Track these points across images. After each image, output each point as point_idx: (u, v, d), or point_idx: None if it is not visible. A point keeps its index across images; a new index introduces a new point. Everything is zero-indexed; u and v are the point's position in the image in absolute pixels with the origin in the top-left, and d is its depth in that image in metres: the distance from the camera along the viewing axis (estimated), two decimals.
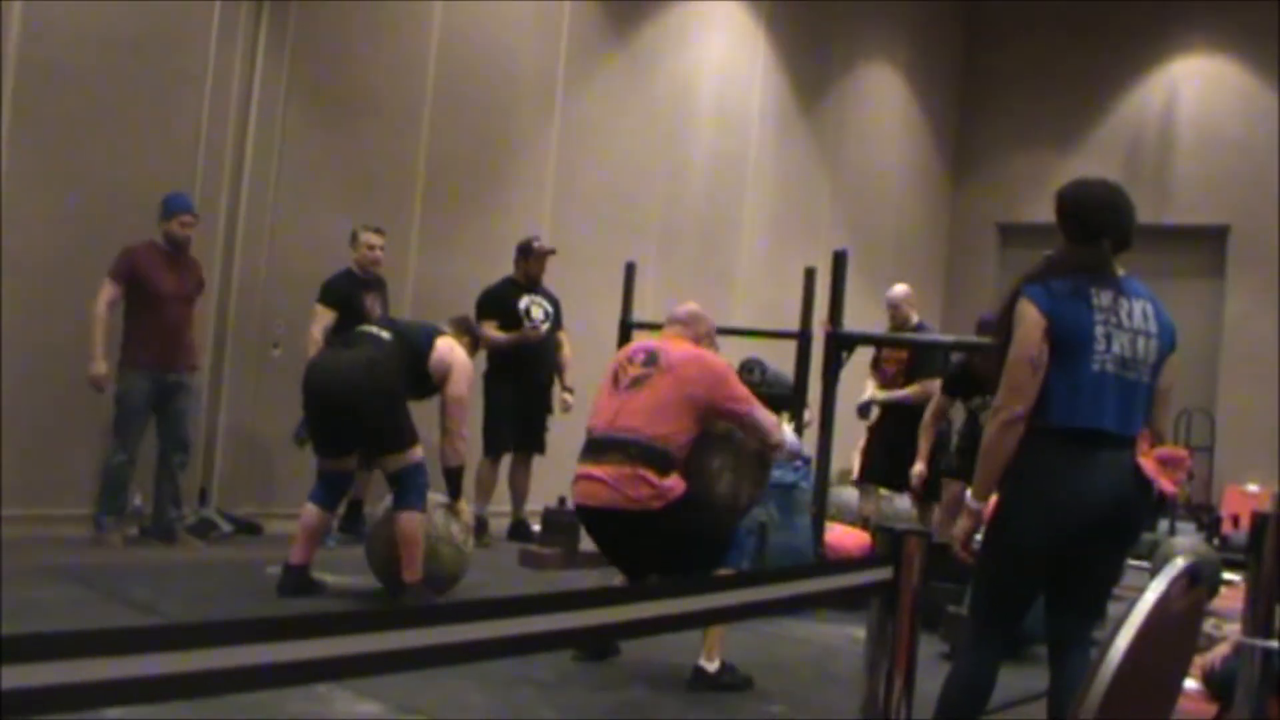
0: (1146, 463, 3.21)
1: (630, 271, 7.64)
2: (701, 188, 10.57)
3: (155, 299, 6.26)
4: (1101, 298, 3.25)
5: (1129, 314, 3.27)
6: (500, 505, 7.60)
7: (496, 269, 7.80)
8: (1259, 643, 2.43)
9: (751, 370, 6.83)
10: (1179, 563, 2.46)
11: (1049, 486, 3.23)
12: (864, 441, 7.79)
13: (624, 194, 9.77)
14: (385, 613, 1.61)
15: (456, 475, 5.57)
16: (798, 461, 6.13)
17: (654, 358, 4.50)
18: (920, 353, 7.29)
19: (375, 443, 5.48)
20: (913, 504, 7.63)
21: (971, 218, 14.19)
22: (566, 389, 7.66)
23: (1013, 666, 4.62)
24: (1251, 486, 11.57)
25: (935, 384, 7.03)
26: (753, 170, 11.10)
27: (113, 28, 6.48)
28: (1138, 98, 13.32)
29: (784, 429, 4.68)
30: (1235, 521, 9.95)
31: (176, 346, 6.42)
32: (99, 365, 6.09)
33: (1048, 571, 3.32)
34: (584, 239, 9.22)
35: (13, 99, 6.10)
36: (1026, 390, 3.21)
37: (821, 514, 6.25)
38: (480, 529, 6.87)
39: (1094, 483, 3.19)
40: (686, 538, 4.37)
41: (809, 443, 6.69)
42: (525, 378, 7.46)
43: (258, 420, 7.30)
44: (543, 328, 7.47)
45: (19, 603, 4.44)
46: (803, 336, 6.68)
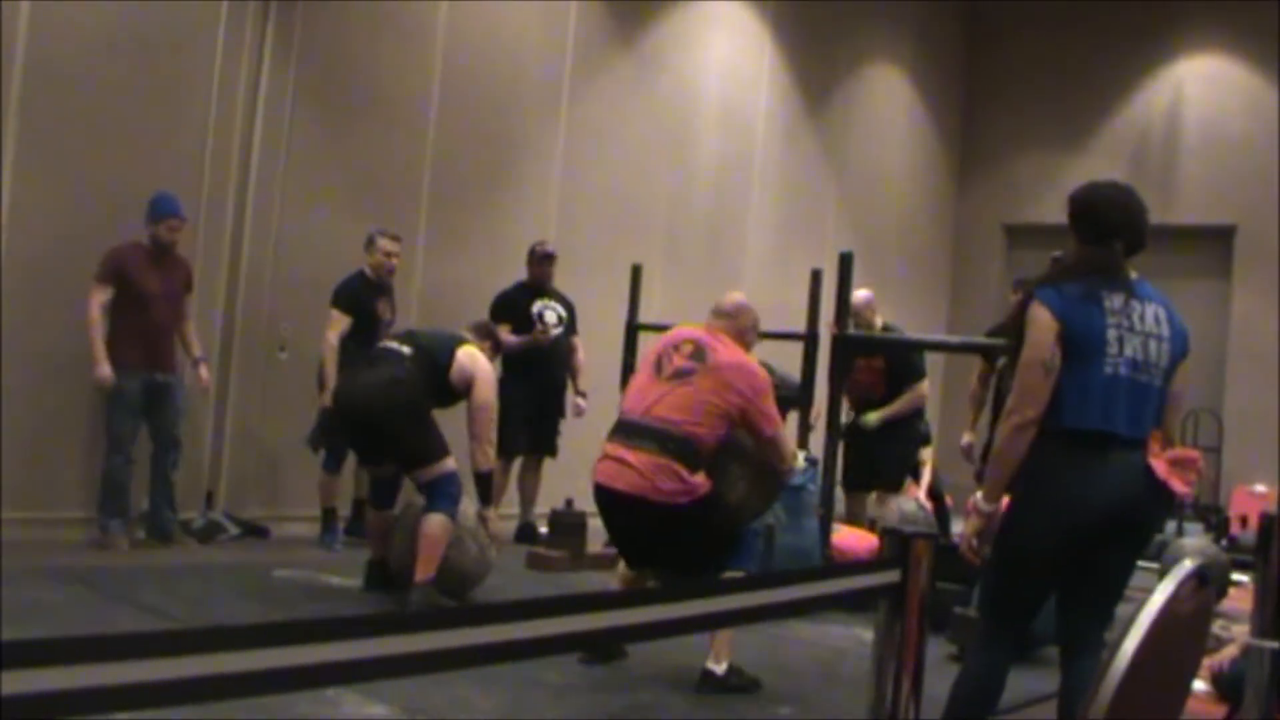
0: (1158, 464, 3.20)
1: (636, 274, 7.64)
2: (707, 190, 10.56)
3: (142, 299, 6.27)
4: (1113, 301, 3.25)
5: (1141, 317, 3.27)
6: (508, 508, 7.60)
7: (502, 271, 7.81)
8: (1267, 644, 2.43)
9: None
10: (1187, 564, 2.46)
11: (1060, 488, 3.23)
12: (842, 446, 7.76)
13: (630, 196, 9.77)
14: (393, 616, 1.61)
15: (487, 480, 5.65)
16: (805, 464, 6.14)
17: (701, 354, 4.50)
18: (901, 359, 7.17)
19: (404, 459, 5.59)
20: (926, 497, 7.65)
21: (977, 218, 14.18)
22: (580, 393, 7.68)
23: (1022, 668, 4.62)
24: (1259, 487, 11.55)
25: (923, 386, 7.01)
26: (758, 172, 11.10)
27: (119, 30, 6.49)
28: (1143, 98, 13.30)
29: (797, 462, 4.75)
30: (1243, 522, 9.92)
31: (164, 347, 6.43)
32: (103, 368, 6.12)
33: (1059, 573, 3.32)
34: (590, 241, 9.22)
35: (19, 102, 6.11)
36: (1039, 393, 3.21)
37: (829, 516, 6.25)
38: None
39: (1106, 485, 3.19)
40: (700, 537, 4.42)
41: (815, 444, 6.69)
42: (538, 381, 7.48)
43: (264, 423, 7.31)
44: (553, 332, 7.48)
45: (23, 606, 4.45)
46: (809, 338, 6.68)
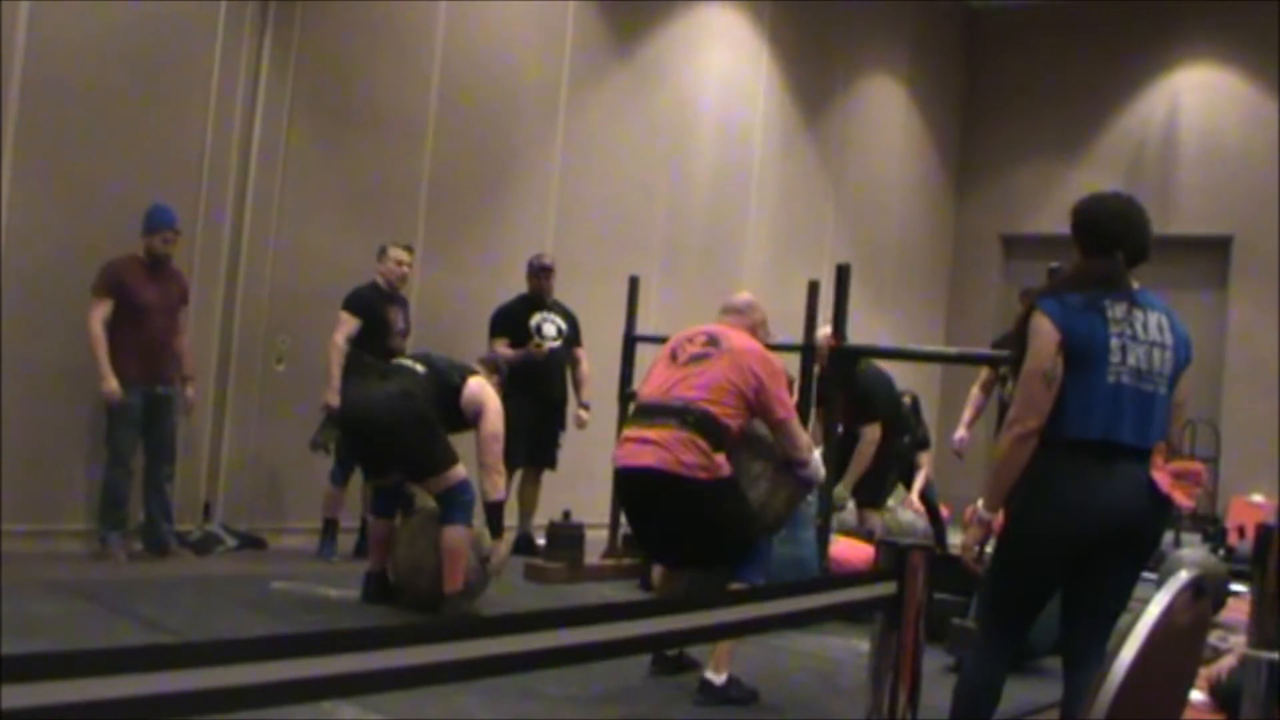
0: (1161, 477, 3.20)
1: (634, 286, 7.65)
2: (705, 201, 10.58)
3: (140, 312, 6.27)
4: (1116, 310, 3.26)
5: (1144, 326, 3.28)
6: (507, 519, 7.56)
7: (500, 283, 7.82)
8: (1264, 654, 2.43)
9: None
10: (1183, 575, 2.46)
11: (1062, 497, 3.23)
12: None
13: (627, 208, 9.78)
14: (393, 630, 1.61)
15: (498, 509, 5.67)
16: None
17: (716, 340, 4.58)
18: (862, 396, 7.05)
19: (413, 470, 5.61)
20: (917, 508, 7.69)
21: (974, 229, 14.20)
22: (582, 405, 7.67)
23: (1023, 678, 4.63)
24: (1256, 498, 11.55)
25: (872, 432, 7.00)
26: (756, 183, 11.12)
27: (117, 42, 6.51)
28: (1140, 108, 13.33)
29: (815, 457, 4.72)
30: (1240, 533, 9.92)
31: (163, 359, 6.44)
32: (110, 382, 6.13)
33: (1057, 581, 3.33)
34: (587, 252, 9.23)
35: (18, 115, 6.12)
36: (1040, 403, 3.22)
37: (826, 527, 6.25)
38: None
39: (1109, 494, 3.19)
40: (718, 524, 4.41)
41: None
42: (537, 393, 7.48)
43: (262, 435, 7.31)
44: (548, 345, 7.47)
45: (23, 618, 4.44)
46: (806, 349, 6.67)
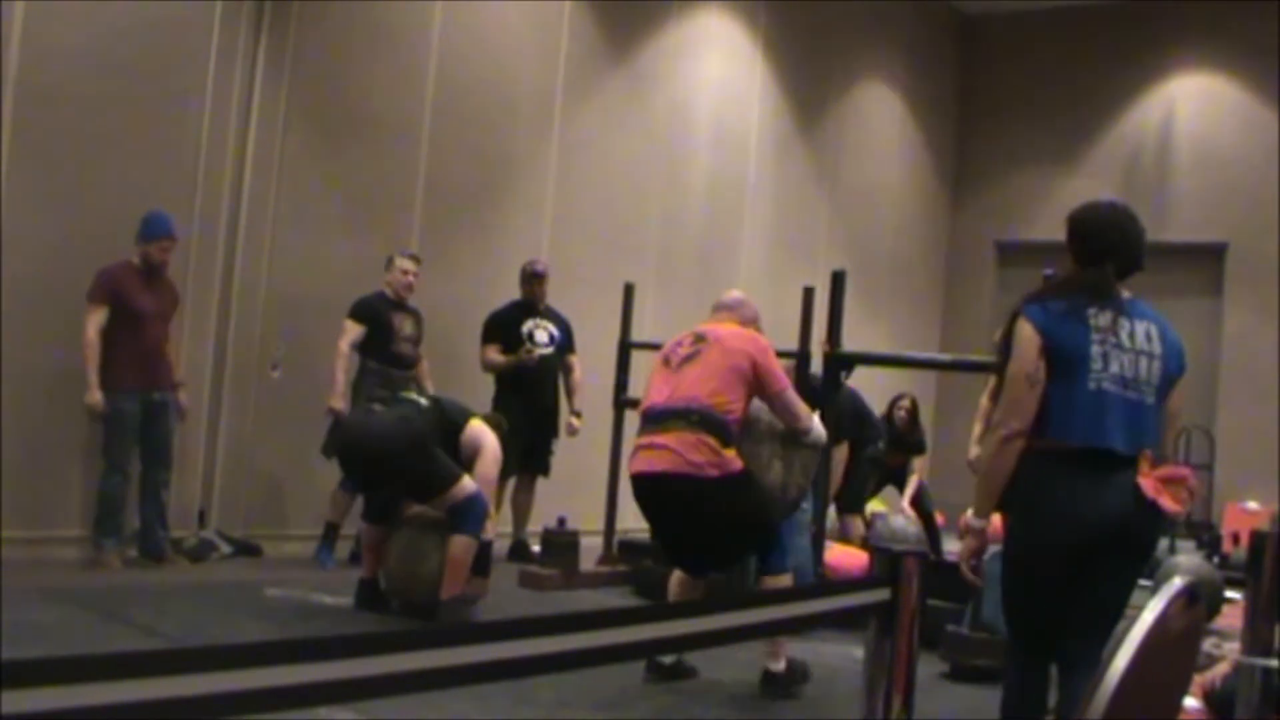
0: (1146, 482, 3.20)
1: (629, 292, 7.65)
2: (700, 207, 10.59)
3: (136, 319, 6.27)
4: (1100, 318, 3.28)
5: (1130, 335, 3.29)
6: (502, 525, 7.58)
7: (495, 290, 7.82)
8: (1259, 661, 2.43)
9: None
10: (1178, 581, 2.46)
11: (1051, 504, 3.25)
12: None
13: (622, 214, 9.79)
14: (387, 636, 1.61)
15: (486, 551, 5.67)
16: None
17: (701, 337, 4.73)
18: (835, 421, 7.18)
19: (416, 492, 5.60)
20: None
21: (970, 236, 14.21)
22: (575, 413, 7.67)
23: None
24: (1251, 504, 11.55)
25: (843, 448, 7.12)
26: (751, 190, 11.13)
27: (111, 49, 6.51)
28: (1136, 115, 13.35)
29: (814, 421, 4.79)
30: (1235, 539, 9.93)
31: (158, 365, 6.43)
32: (94, 393, 6.12)
33: (1064, 585, 3.32)
34: (582, 259, 9.23)
35: (12, 121, 6.11)
36: (1024, 407, 3.25)
37: (821, 534, 6.25)
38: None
39: (1096, 500, 3.20)
40: (736, 517, 4.49)
41: None
42: (529, 400, 7.47)
43: (257, 442, 7.30)
44: (539, 352, 7.46)
45: (18, 625, 4.43)
46: (801, 356, 6.68)
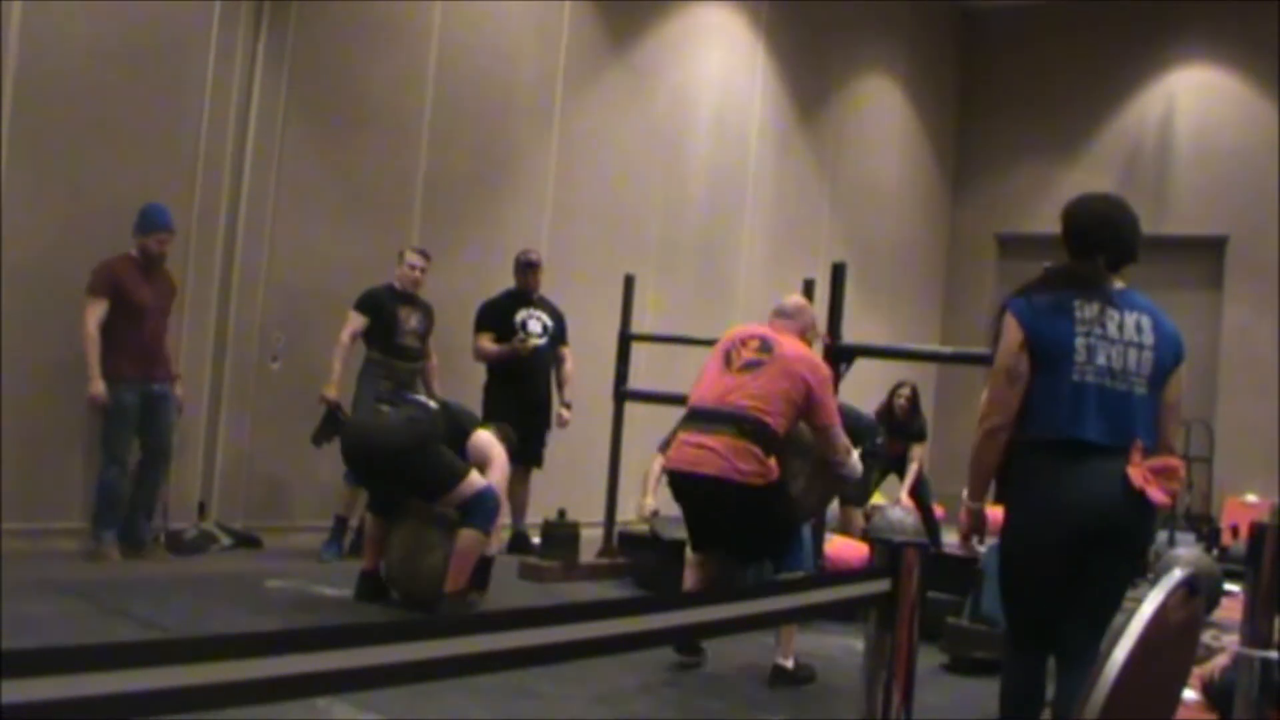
0: (1134, 472, 3.20)
1: (629, 284, 7.64)
2: (700, 200, 10.58)
3: (136, 311, 6.27)
4: (1086, 310, 3.29)
5: (1119, 326, 3.30)
6: (500, 518, 7.58)
7: (496, 282, 7.81)
8: (1257, 653, 2.43)
9: None
10: (1177, 574, 2.47)
11: (1036, 495, 3.31)
12: None
13: (623, 207, 9.78)
14: (385, 626, 1.61)
15: (487, 565, 5.68)
16: None
17: (769, 346, 4.79)
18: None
19: (424, 491, 5.58)
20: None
21: (970, 229, 14.21)
22: (564, 404, 7.65)
23: None
24: (1251, 497, 11.57)
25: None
26: (752, 182, 11.12)
27: (111, 40, 6.50)
28: (1136, 109, 13.34)
29: (853, 458, 4.94)
30: (1235, 532, 9.93)
31: (157, 357, 6.44)
32: (97, 384, 6.12)
33: (1055, 576, 3.33)
34: (583, 251, 9.23)
35: (12, 112, 6.10)
36: (1005, 400, 3.31)
37: (821, 526, 6.25)
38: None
39: (1080, 492, 3.22)
40: (770, 521, 4.74)
41: None
42: (521, 391, 7.44)
43: (257, 434, 7.30)
44: (532, 341, 7.45)
45: (17, 617, 4.43)
46: None
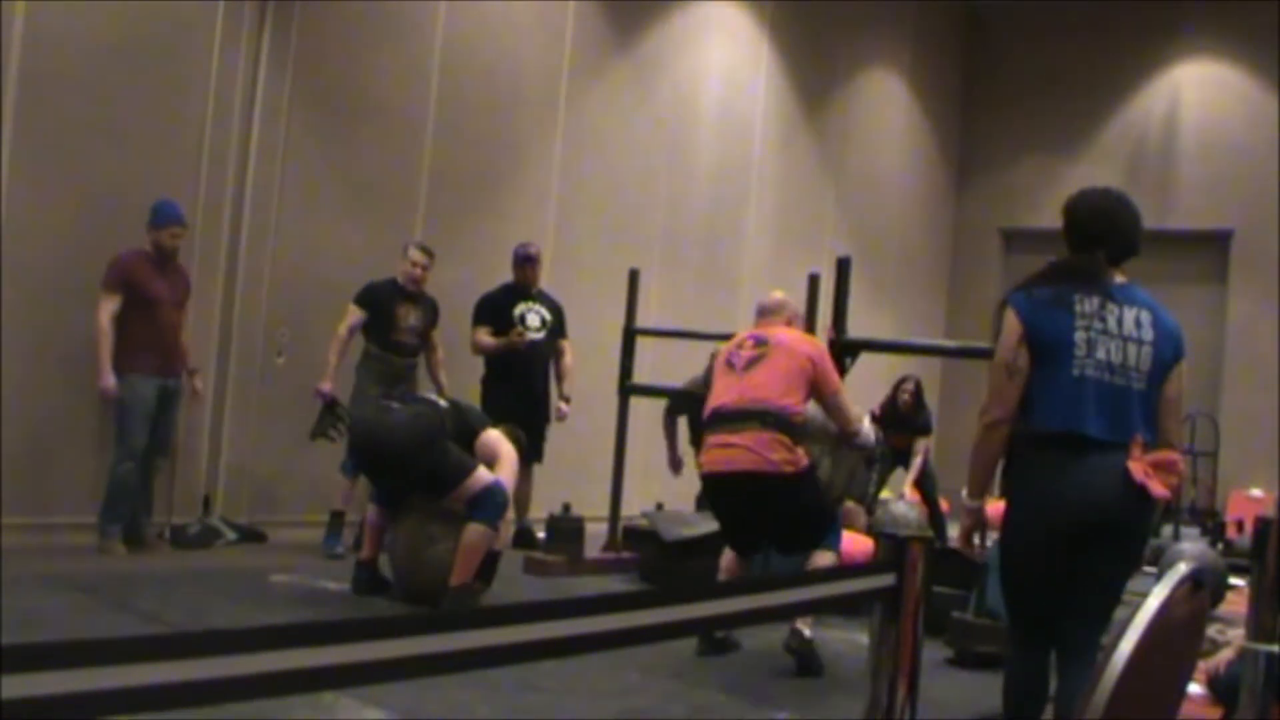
0: (1134, 466, 3.20)
1: (634, 278, 7.64)
2: (705, 194, 10.57)
3: (150, 305, 6.29)
4: (1086, 305, 3.28)
5: (1119, 321, 3.29)
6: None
7: (500, 276, 7.81)
8: (1262, 647, 2.43)
9: None
10: (1182, 568, 2.47)
11: (1035, 490, 3.30)
12: None
13: (627, 200, 9.78)
14: (391, 620, 1.61)
15: (494, 560, 5.67)
16: None
17: (764, 340, 5.00)
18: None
19: (432, 488, 5.57)
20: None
21: (975, 223, 14.20)
22: (563, 397, 7.63)
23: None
24: (1256, 491, 11.56)
25: None
26: (756, 176, 11.11)
27: (115, 35, 6.50)
28: (1141, 103, 13.32)
29: (865, 424, 5.11)
30: (1240, 526, 9.93)
31: (173, 351, 6.45)
32: (108, 378, 6.13)
33: (1055, 571, 3.33)
34: (587, 245, 9.23)
35: (16, 107, 6.11)
36: (1005, 394, 3.31)
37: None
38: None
39: (1080, 486, 3.22)
40: (805, 508, 4.91)
41: None
42: (522, 385, 7.43)
43: (262, 428, 7.31)
44: (529, 335, 7.44)
45: (23, 611, 4.44)
46: None
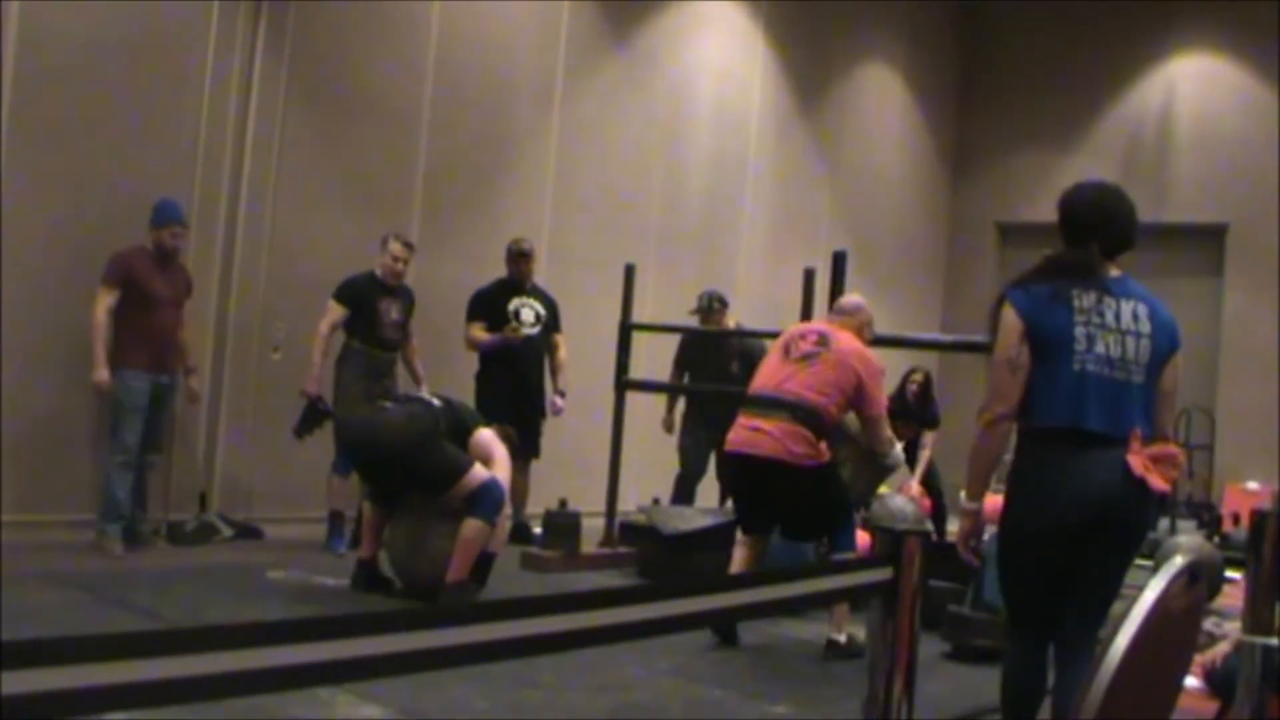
0: (1134, 460, 3.19)
1: (629, 273, 7.64)
2: (701, 189, 10.57)
3: (149, 302, 6.28)
4: (1084, 299, 3.27)
5: (1116, 315, 3.28)
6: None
7: (495, 272, 7.81)
8: (1259, 640, 2.43)
9: None
10: (1178, 561, 2.47)
11: (1037, 486, 3.28)
12: None
13: (623, 196, 9.77)
14: (388, 615, 1.61)
15: (489, 562, 5.65)
16: None
17: (825, 340, 5.09)
18: None
19: (427, 487, 5.57)
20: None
21: (971, 217, 14.19)
22: (559, 392, 7.62)
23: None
24: (1251, 484, 11.57)
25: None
26: (751, 171, 11.10)
27: (110, 32, 6.49)
28: (1136, 96, 13.32)
29: (896, 449, 5.30)
30: (1235, 519, 9.95)
31: (169, 349, 6.44)
32: (101, 371, 6.12)
33: (1054, 567, 3.33)
34: (583, 241, 9.22)
35: (11, 104, 6.10)
36: (1007, 391, 3.28)
37: None
38: None
39: (1082, 481, 3.21)
40: (820, 501, 5.07)
41: None
42: (517, 381, 7.43)
43: (258, 424, 7.30)
44: (525, 330, 7.43)
45: (20, 608, 4.44)
46: None
